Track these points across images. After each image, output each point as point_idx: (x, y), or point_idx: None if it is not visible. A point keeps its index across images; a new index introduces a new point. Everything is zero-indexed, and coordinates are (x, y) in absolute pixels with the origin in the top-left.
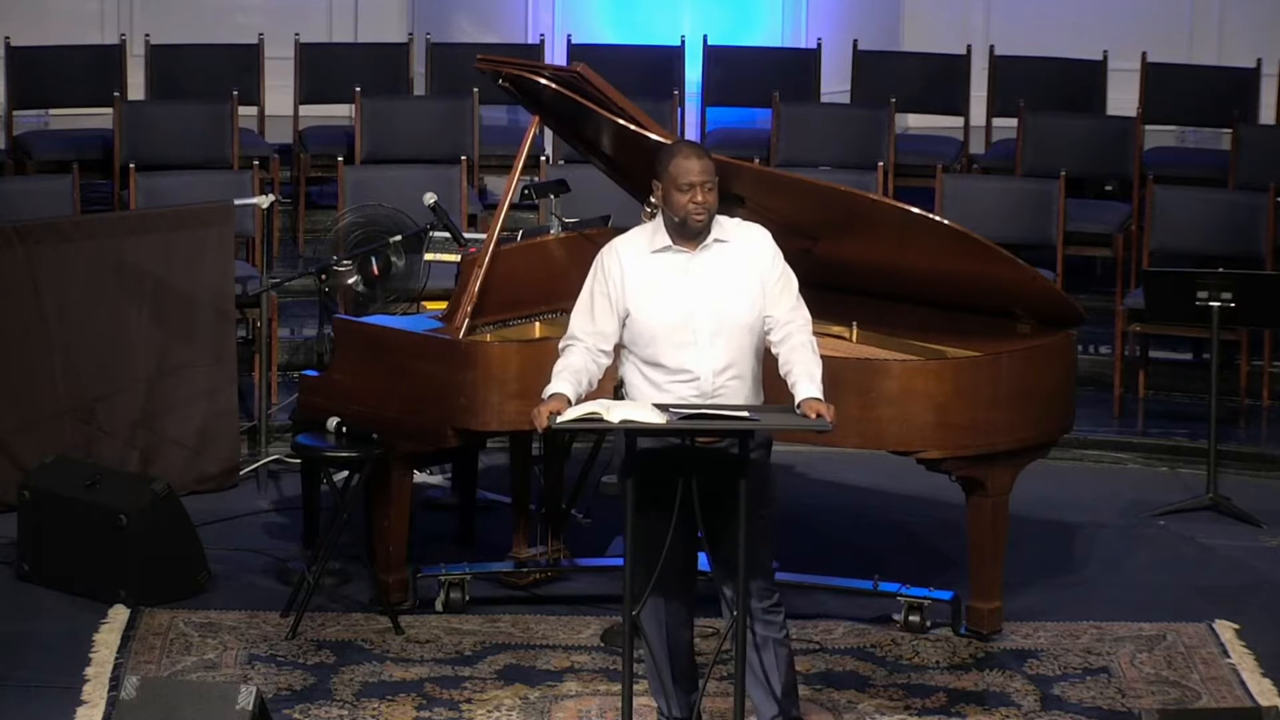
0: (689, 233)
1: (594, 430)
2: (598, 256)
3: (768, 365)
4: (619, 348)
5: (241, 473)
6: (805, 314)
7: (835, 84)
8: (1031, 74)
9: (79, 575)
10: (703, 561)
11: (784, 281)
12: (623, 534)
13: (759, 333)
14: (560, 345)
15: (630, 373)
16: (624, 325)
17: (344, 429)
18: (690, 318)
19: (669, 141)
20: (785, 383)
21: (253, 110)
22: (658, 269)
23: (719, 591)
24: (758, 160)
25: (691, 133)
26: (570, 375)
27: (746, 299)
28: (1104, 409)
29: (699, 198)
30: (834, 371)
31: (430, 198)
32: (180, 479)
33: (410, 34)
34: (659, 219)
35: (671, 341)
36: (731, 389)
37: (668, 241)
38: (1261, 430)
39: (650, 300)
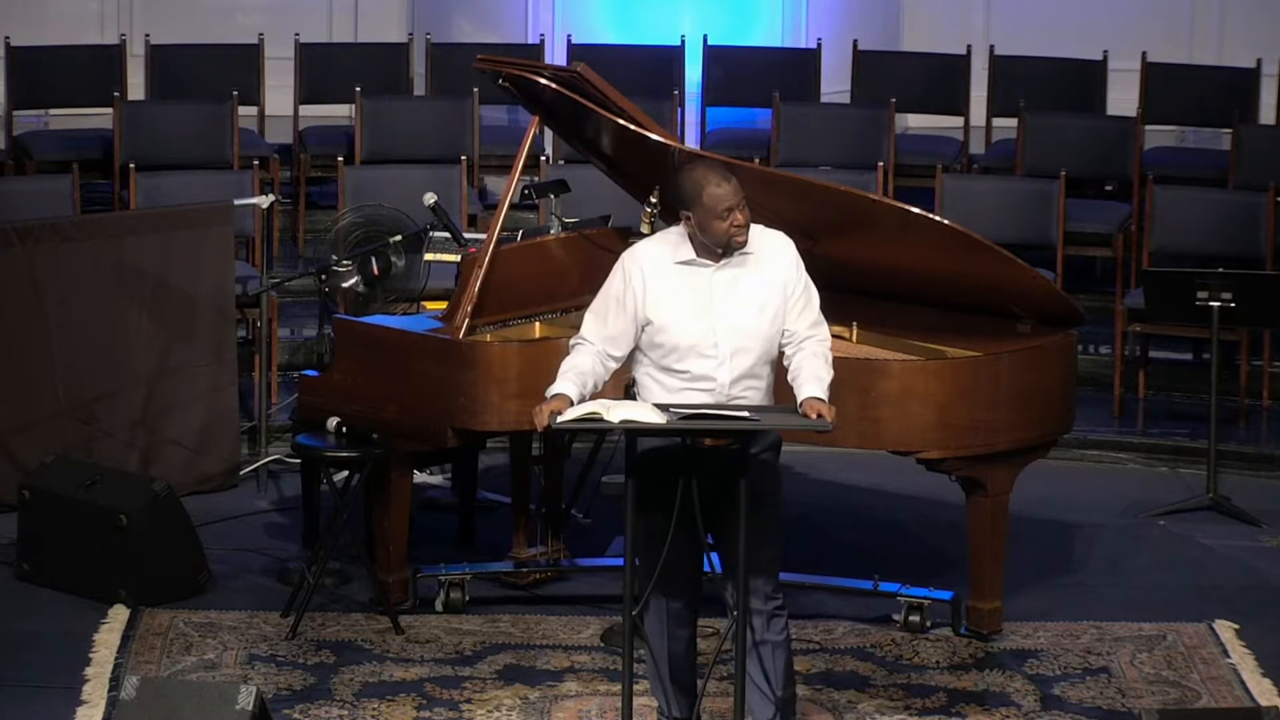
0: (730, 252)
1: (594, 430)
2: (619, 261)
3: (780, 370)
4: (635, 350)
5: (241, 473)
6: (825, 332)
7: (835, 84)
8: (1031, 74)
9: (79, 575)
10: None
11: (806, 296)
12: (623, 534)
13: (777, 343)
14: (570, 344)
15: (643, 377)
16: (641, 332)
17: (344, 429)
18: (712, 333)
19: (670, 142)
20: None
21: (253, 110)
22: (681, 282)
23: (727, 592)
24: (758, 160)
25: (691, 132)
26: (575, 376)
27: (768, 313)
28: (1104, 409)
29: (739, 220)
30: (834, 371)
31: (430, 198)
32: (180, 479)
33: (410, 34)
34: (682, 230)
35: (692, 355)
36: (746, 398)
37: (691, 254)
38: (1261, 430)
39: (673, 313)
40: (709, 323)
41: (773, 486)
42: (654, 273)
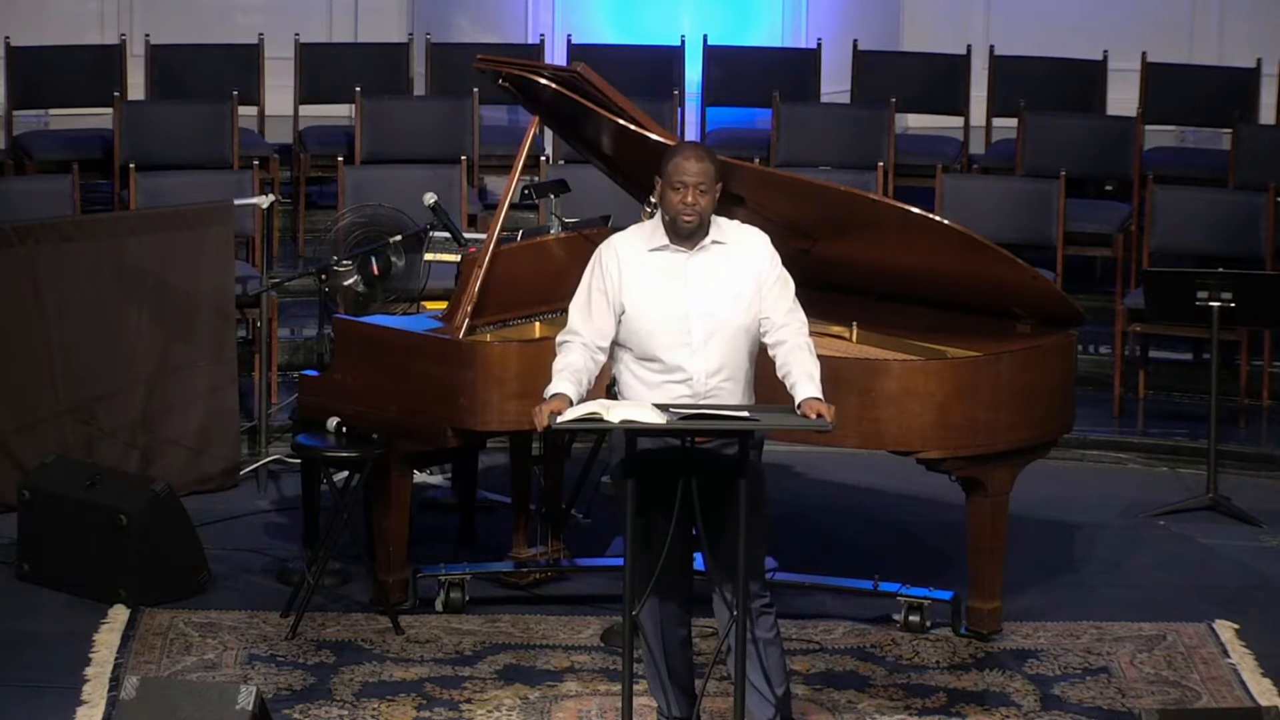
0: (679, 232)
1: (594, 430)
2: (596, 252)
3: (762, 367)
4: (614, 345)
5: (241, 473)
6: (802, 317)
7: (835, 84)
8: (1031, 74)
9: (79, 575)
10: (698, 561)
11: (781, 284)
12: (623, 534)
13: (754, 335)
14: (558, 341)
15: (623, 372)
16: (619, 322)
17: (344, 429)
18: (685, 319)
19: (670, 141)
20: (781, 384)
21: (253, 110)
22: (655, 268)
23: (716, 591)
24: (758, 160)
25: (691, 133)
26: (571, 375)
27: (742, 301)
28: (1104, 409)
29: (689, 199)
30: (834, 371)
31: (430, 198)
32: (180, 479)
33: (410, 34)
34: (658, 217)
35: (666, 342)
36: (724, 391)
37: (665, 241)
38: (1261, 430)
39: (646, 299)
40: (682, 308)
41: (758, 486)
42: (629, 260)
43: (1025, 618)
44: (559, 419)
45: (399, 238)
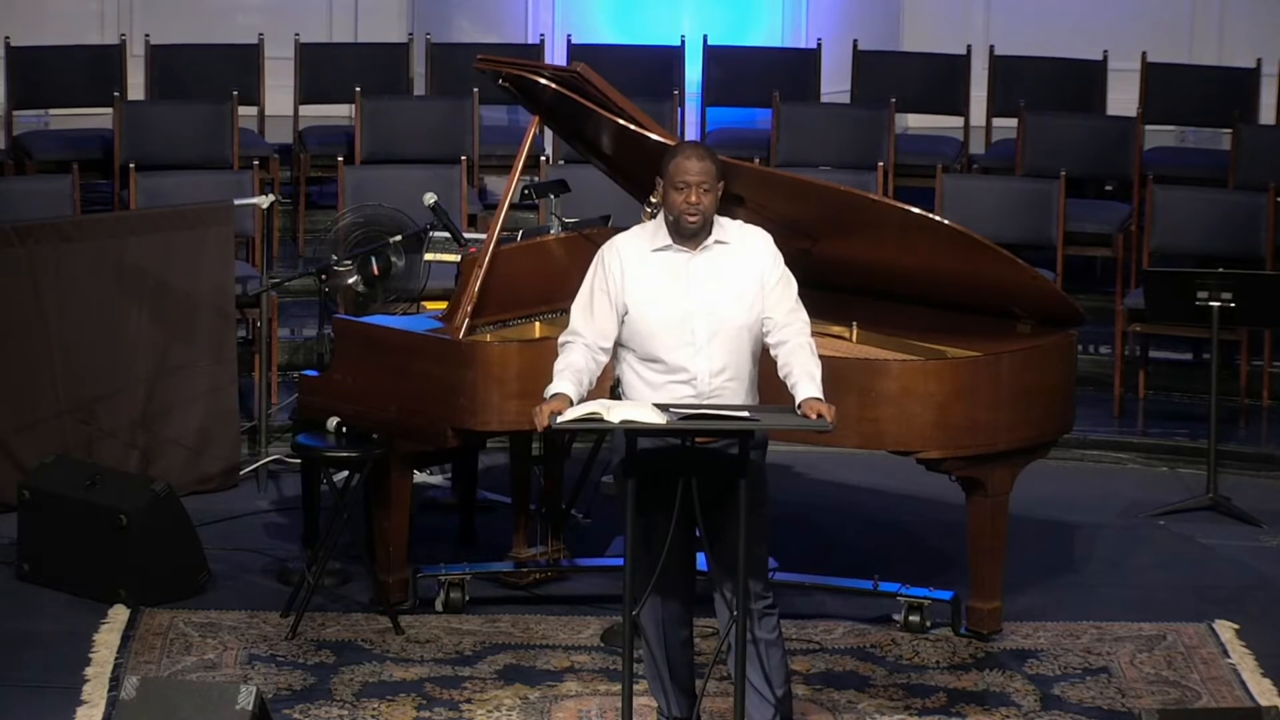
0: (683, 232)
1: (594, 430)
2: (599, 253)
3: (764, 367)
4: (617, 345)
5: (241, 473)
6: (804, 316)
7: (835, 84)
8: (1031, 74)
9: (79, 575)
10: (701, 561)
11: (784, 284)
12: (623, 534)
13: (756, 335)
14: (560, 341)
15: (627, 372)
16: (622, 322)
17: (344, 429)
18: (689, 318)
19: (669, 141)
20: (784, 384)
21: (253, 110)
22: (658, 268)
23: (718, 591)
24: (758, 160)
25: (691, 133)
26: (572, 375)
27: (745, 301)
28: (1104, 409)
29: (692, 198)
30: (834, 371)
31: (430, 198)
32: (180, 479)
33: (410, 34)
34: (661, 217)
35: (669, 342)
36: (729, 390)
37: (668, 240)
38: (1261, 430)
39: (649, 299)
40: (685, 308)
41: (760, 486)
42: (631, 260)
43: (1025, 618)
44: (559, 419)
45: (399, 238)
